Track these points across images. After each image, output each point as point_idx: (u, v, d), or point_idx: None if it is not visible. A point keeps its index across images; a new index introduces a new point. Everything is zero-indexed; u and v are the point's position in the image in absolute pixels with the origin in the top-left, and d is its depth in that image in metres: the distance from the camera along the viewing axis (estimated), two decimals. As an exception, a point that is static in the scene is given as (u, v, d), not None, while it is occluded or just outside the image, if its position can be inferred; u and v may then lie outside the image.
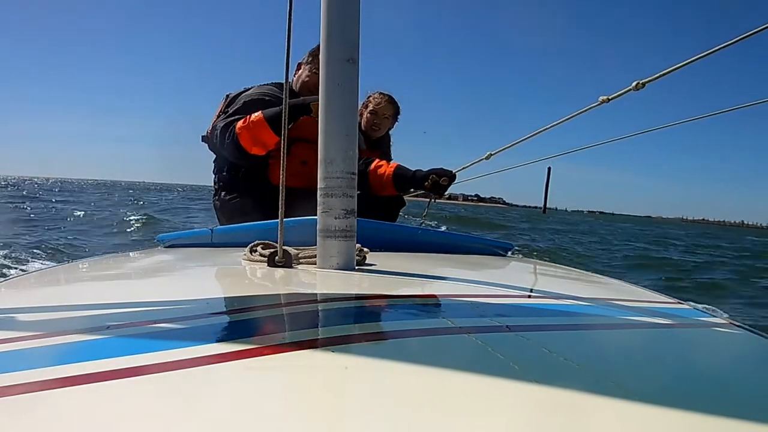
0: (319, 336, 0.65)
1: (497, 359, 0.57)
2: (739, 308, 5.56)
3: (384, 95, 2.66)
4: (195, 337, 0.63)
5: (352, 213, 1.17)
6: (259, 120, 1.99)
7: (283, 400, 0.47)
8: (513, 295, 1.06)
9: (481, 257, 1.84)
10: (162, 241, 1.96)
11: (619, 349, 0.71)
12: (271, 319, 0.76)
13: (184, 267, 1.51)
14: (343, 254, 1.15)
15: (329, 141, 1.17)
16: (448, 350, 0.62)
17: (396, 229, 1.99)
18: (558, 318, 0.84)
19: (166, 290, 1.05)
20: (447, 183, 2.22)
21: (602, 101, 2.09)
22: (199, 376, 0.50)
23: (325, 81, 1.18)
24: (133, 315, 0.74)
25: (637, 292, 1.29)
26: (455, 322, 0.75)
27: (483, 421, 0.42)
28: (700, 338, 0.83)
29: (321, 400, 0.47)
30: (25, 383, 0.47)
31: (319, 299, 0.92)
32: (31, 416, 0.42)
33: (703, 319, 0.97)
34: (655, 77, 1.90)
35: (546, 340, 0.69)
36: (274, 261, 1.15)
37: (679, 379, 0.60)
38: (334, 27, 1.18)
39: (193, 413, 0.43)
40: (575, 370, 0.57)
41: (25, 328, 0.69)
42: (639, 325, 0.85)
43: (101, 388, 0.46)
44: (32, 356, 0.57)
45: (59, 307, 0.83)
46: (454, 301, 0.92)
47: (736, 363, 0.73)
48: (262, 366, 0.52)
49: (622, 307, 1.02)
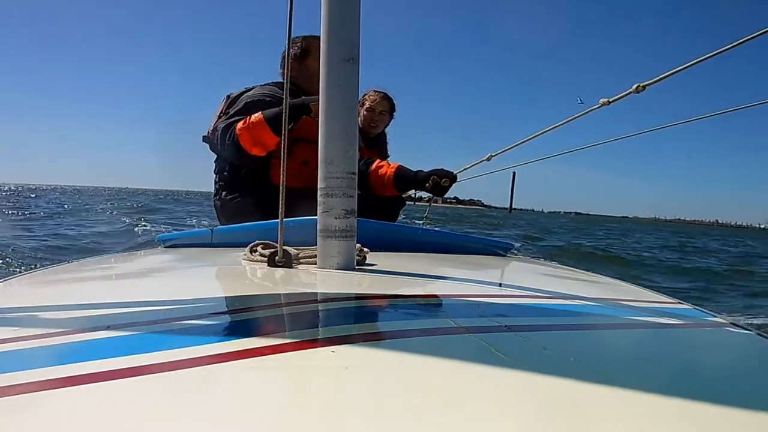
0: (319, 336, 0.65)
1: (499, 359, 0.57)
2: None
3: (379, 92, 2.68)
4: (195, 337, 0.63)
5: (352, 213, 1.17)
6: (259, 121, 1.99)
7: (283, 400, 0.47)
8: (513, 295, 1.06)
9: (481, 257, 1.84)
10: (162, 241, 1.96)
11: (620, 349, 0.71)
12: (271, 319, 0.76)
13: (184, 267, 1.51)
14: (344, 254, 1.15)
15: (329, 141, 1.17)
16: (449, 350, 0.62)
17: (396, 229, 1.99)
18: (559, 318, 0.84)
19: (166, 290, 1.05)
20: (448, 184, 2.23)
21: (603, 104, 2.09)
22: (199, 376, 0.50)
23: (325, 81, 1.18)
24: (133, 315, 0.74)
25: (638, 292, 1.29)
26: (456, 322, 0.75)
27: (484, 420, 0.42)
28: (701, 338, 0.83)
29: (321, 400, 0.47)
30: (25, 383, 0.47)
31: (319, 299, 0.92)
32: (31, 416, 0.42)
33: (703, 319, 0.97)
34: (655, 80, 1.90)
35: (547, 339, 0.69)
36: (275, 261, 1.15)
37: (680, 379, 0.60)
38: (334, 27, 1.18)
39: (193, 413, 0.43)
40: (576, 370, 0.57)
41: (25, 328, 0.69)
42: (639, 325, 0.85)
43: (101, 388, 0.46)
44: (32, 356, 0.56)
45: (59, 307, 0.83)
46: (455, 301, 0.92)
47: (736, 363, 0.72)
48: (262, 366, 0.52)
49: (623, 307, 1.02)
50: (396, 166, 2.30)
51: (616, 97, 2.04)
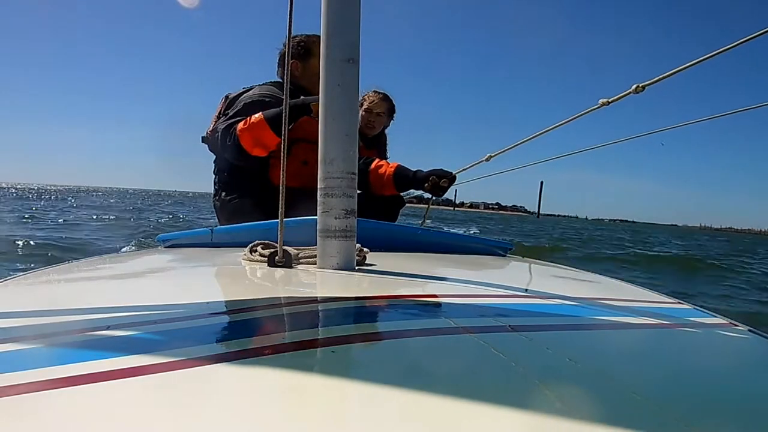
0: (319, 336, 0.65)
1: (499, 359, 0.57)
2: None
3: (378, 93, 2.68)
4: (195, 337, 0.63)
5: (352, 213, 1.17)
6: (259, 121, 1.99)
7: (283, 401, 0.47)
8: (514, 295, 1.06)
9: (481, 257, 1.84)
10: (162, 241, 1.96)
11: (622, 349, 0.71)
12: (270, 319, 0.76)
13: (184, 267, 1.51)
14: (343, 254, 1.15)
15: (329, 141, 1.17)
16: (449, 350, 0.62)
17: (396, 229, 1.99)
18: (559, 318, 0.84)
19: (166, 290, 1.05)
20: (447, 184, 2.23)
21: (602, 104, 2.10)
22: (199, 376, 0.50)
23: (325, 81, 1.18)
24: (133, 315, 0.74)
25: (638, 292, 1.29)
26: (456, 322, 0.75)
27: (485, 420, 0.42)
28: (702, 338, 0.83)
29: (321, 401, 0.47)
30: (25, 383, 0.47)
31: (319, 299, 0.92)
32: (31, 416, 0.42)
33: (703, 319, 0.97)
34: (655, 80, 1.90)
35: (548, 339, 0.69)
36: (274, 261, 1.15)
37: (681, 379, 0.60)
38: (334, 27, 1.18)
39: (193, 413, 0.43)
40: (578, 370, 0.57)
41: (25, 328, 0.69)
42: (641, 325, 0.85)
43: (101, 388, 0.46)
44: (32, 356, 0.56)
45: (59, 307, 0.83)
46: (455, 301, 0.92)
47: (736, 363, 0.72)
48: (262, 366, 0.52)
49: (623, 308, 1.02)
50: (395, 166, 2.30)
51: (616, 97, 2.05)
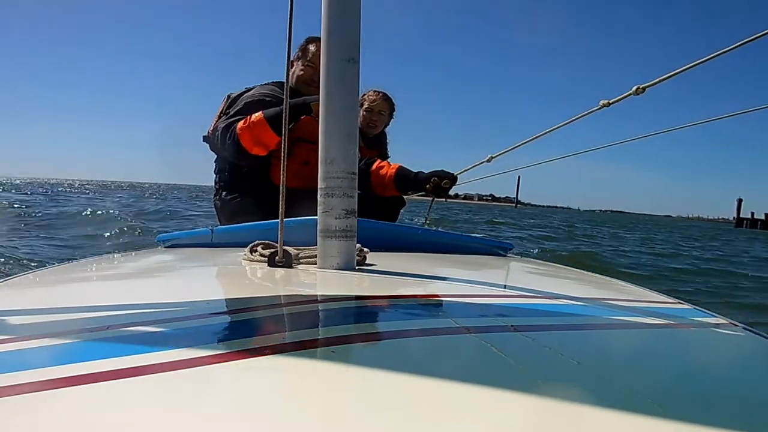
0: (319, 336, 0.65)
1: (501, 359, 0.57)
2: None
3: (378, 92, 2.67)
4: (195, 337, 0.63)
5: (352, 213, 1.17)
6: (259, 120, 1.99)
7: (283, 401, 0.47)
8: (514, 295, 1.06)
9: (481, 257, 1.84)
10: (162, 241, 1.96)
11: (622, 349, 0.71)
12: (271, 319, 0.76)
13: (184, 267, 1.51)
14: (344, 254, 1.15)
15: (330, 141, 1.17)
16: (451, 350, 0.62)
17: (396, 229, 1.99)
18: (560, 318, 0.84)
19: (166, 290, 1.05)
20: (448, 185, 2.23)
21: (603, 105, 2.10)
22: (199, 376, 0.50)
23: (325, 81, 1.18)
24: (133, 315, 0.74)
25: (638, 292, 1.29)
26: (458, 322, 0.75)
27: (486, 421, 0.42)
28: (702, 338, 0.83)
29: (322, 401, 0.47)
30: (25, 383, 0.47)
31: (319, 299, 0.92)
32: (32, 416, 0.42)
33: (703, 319, 0.97)
34: (655, 82, 1.90)
35: (548, 339, 0.69)
36: (274, 261, 1.15)
37: (681, 379, 0.60)
38: (334, 27, 1.18)
39: (193, 413, 0.43)
40: (579, 369, 0.57)
41: (25, 328, 0.69)
42: (642, 325, 0.85)
43: (101, 388, 0.46)
44: (32, 356, 0.56)
45: (59, 307, 0.83)
46: (456, 301, 0.92)
47: (736, 363, 0.72)
48: (262, 366, 0.52)
49: (624, 308, 1.02)
50: (397, 167, 2.30)
51: (616, 98, 2.05)
